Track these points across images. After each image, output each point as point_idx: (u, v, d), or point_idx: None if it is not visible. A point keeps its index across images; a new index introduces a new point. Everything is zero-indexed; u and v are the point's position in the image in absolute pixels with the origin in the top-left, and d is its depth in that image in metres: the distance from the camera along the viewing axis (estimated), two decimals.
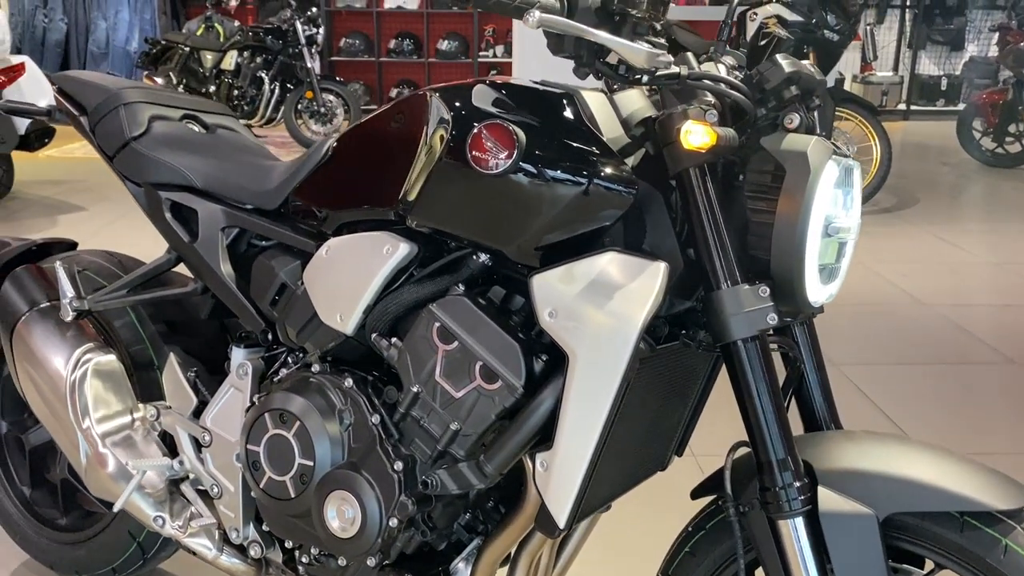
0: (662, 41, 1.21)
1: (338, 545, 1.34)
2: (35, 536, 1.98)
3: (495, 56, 10.61)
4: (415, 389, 1.30)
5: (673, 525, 1.37)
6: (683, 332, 1.28)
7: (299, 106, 7.95)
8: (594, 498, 1.30)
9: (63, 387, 1.65)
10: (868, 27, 8.22)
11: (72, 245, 2.05)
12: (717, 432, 1.53)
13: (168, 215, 1.65)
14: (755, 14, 5.42)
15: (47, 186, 6.35)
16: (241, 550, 1.61)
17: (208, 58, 8.21)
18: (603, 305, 1.14)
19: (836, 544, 1.11)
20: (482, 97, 1.27)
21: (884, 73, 10.11)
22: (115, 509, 1.58)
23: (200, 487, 1.61)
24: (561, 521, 1.19)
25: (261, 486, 1.42)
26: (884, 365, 3.43)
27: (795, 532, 1.14)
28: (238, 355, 1.61)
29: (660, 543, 1.40)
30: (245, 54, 8.07)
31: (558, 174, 1.19)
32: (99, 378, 1.66)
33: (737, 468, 1.23)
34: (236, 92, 8.02)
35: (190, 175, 1.63)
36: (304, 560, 1.49)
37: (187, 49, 8.24)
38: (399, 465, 1.31)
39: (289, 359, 1.56)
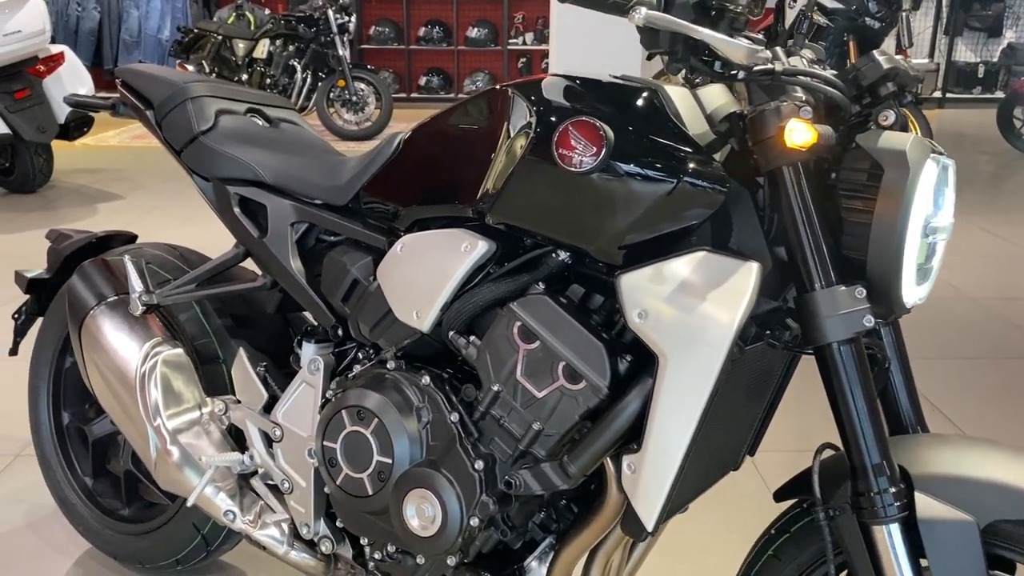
0: (760, 37, 1.19)
1: (418, 544, 1.34)
2: (98, 527, 2.00)
3: (524, 43, 10.56)
4: (495, 388, 1.29)
5: (714, 525, 1.35)
6: (767, 332, 1.26)
7: (331, 95, 7.95)
8: (677, 500, 1.29)
9: (133, 380, 1.66)
10: (904, 13, 8.10)
11: (132, 238, 2.06)
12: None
13: (237, 210, 1.65)
14: (794, 1, 5.35)
15: (84, 175, 6.40)
16: (311, 545, 1.61)
17: (240, 46, 8.23)
18: (696, 306, 1.13)
19: (935, 551, 1.09)
20: (564, 92, 1.25)
21: (919, 60, 9.92)
22: (188, 503, 1.59)
23: (270, 482, 1.61)
24: (649, 524, 1.17)
25: (337, 483, 1.42)
26: (930, 360, 3.38)
27: (890, 538, 1.12)
28: (308, 350, 1.61)
29: (710, 542, 1.38)
30: (277, 42, 8.09)
31: (647, 172, 1.17)
32: (168, 372, 1.66)
33: (825, 471, 1.21)
34: (268, 81, 8.04)
35: (259, 170, 1.63)
36: (376, 556, 1.49)
37: (219, 37, 8.26)
38: (480, 464, 1.30)
39: (360, 355, 1.56)
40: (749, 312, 1.12)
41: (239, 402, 1.65)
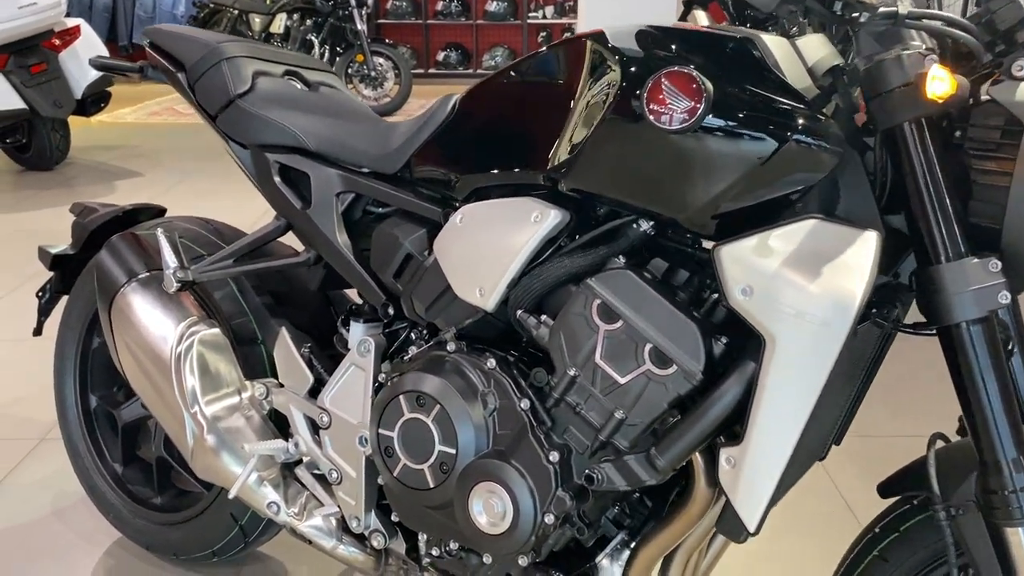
0: None
1: (486, 542, 1.23)
2: (130, 516, 1.90)
3: (544, 17, 10.36)
4: (571, 373, 1.17)
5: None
6: (873, 311, 1.14)
7: (349, 70, 7.81)
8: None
9: (167, 362, 1.55)
10: None
11: (161, 211, 1.95)
12: None
13: (277, 179, 1.53)
14: None
15: (101, 151, 6.29)
16: (360, 539, 1.50)
17: (257, 21, 8.08)
18: (810, 282, 1.00)
19: None
20: (652, 41, 1.12)
21: None
22: (231, 494, 1.48)
23: (316, 471, 1.50)
24: (752, 524, 1.06)
25: (395, 474, 1.31)
26: None
27: None
28: (357, 331, 1.49)
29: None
30: (294, 17, 7.93)
31: (751, 129, 1.04)
32: (205, 353, 1.55)
33: (941, 464, 1.08)
34: None
35: (301, 136, 1.50)
36: (434, 553, 1.38)
37: (236, 12, 8.12)
38: (554, 456, 1.18)
39: (413, 335, 1.44)
40: (871, 287, 0.99)
41: (282, 386, 1.54)
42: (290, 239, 1.62)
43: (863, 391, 1.33)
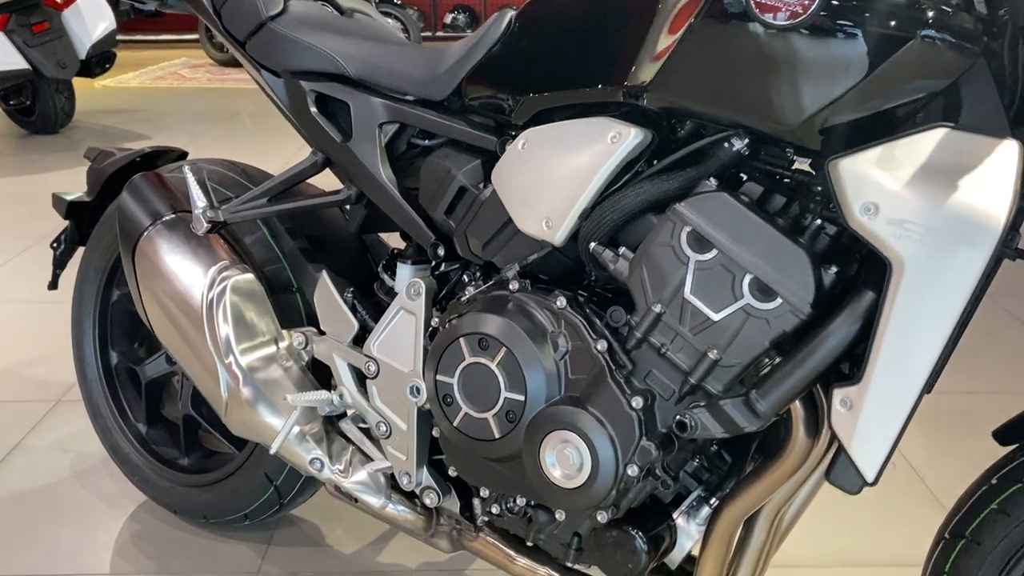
0: None
1: (560, 497, 1.12)
2: (156, 478, 1.79)
3: None
4: (656, 310, 1.05)
5: None
6: None
7: None
8: None
9: (198, 310, 1.43)
10: None
11: (183, 154, 1.82)
12: None
13: (314, 109, 1.41)
14: None
15: (107, 115, 6.15)
16: (410, 497, 1.40)
17: None
18: (946, 198, 0.88)
19: None
20: None
21: None
22: (273, 449, 1.37)
23: (363, 425, 1.39)
24: (871, 472, 0.94)
25: (455, 424, 1.19)
26: None
27: None
28: (405, 273, 1.38)
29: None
30: None
31: (873, 25, 0.91)
32: (239, 300, 1.43)
33: None
34: None
35: (340, 61, 1.37)
36: (493, 511, 1.27)
37: None
38: (637, 402, 1.07)
39: (466, 277, 1.32)
40: (1016, 203, 0.87)
41: (322, 334, 1.42)
42: (324, 181, 1.50)
43: (961, 331, 1.22)
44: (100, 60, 5.39)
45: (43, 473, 2.00)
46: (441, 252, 1.33)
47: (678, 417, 1.03)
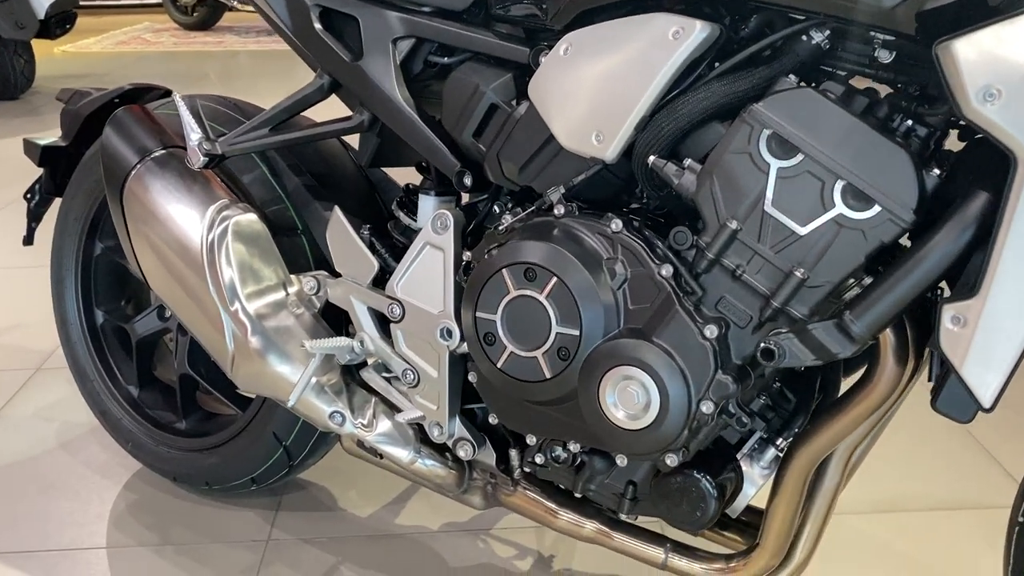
0: None
1: (624, 440, 1.00)
2: (152, 444, 1.66)
3: None
4: (732, 226, 0.94)
5: None
6: None
7: None
8: None
9: (198, 253, 1.29)
10: None
11: (167, 92, 1.67)
12: None
13: (319, 26, 1.26)
14: None
15: (67, 81, 5.89)
16: (440, 451, 1.28)
17: None
18: None
19: None
20: None
21: None
22: (291, 403, 1.24)
23: (387, 374, 1.27)
24: (987, 396, 0.83)
25: (499, 365, 1.07)
26: None
27: None
28: (428, 205, 1.25)
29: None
30: None
31: None
32: (243, 242, 1.30)
33: None
34: None
35: None
36: (537, 460, 1.16)
37: None
38: (711, 331, 0.95)
39: (496, 208, 1.20)
40: None
41: (336, 276, 1.29)
42: (326, 111, 1.35)
43: None
44: (60, 20, 5.13)
45: (27, 444, 1.85)
46: (468, 181, 1.20)
47: (763, 345, 0.92)
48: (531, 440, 1.14)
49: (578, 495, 1.16)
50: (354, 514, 1.64)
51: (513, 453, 1.24)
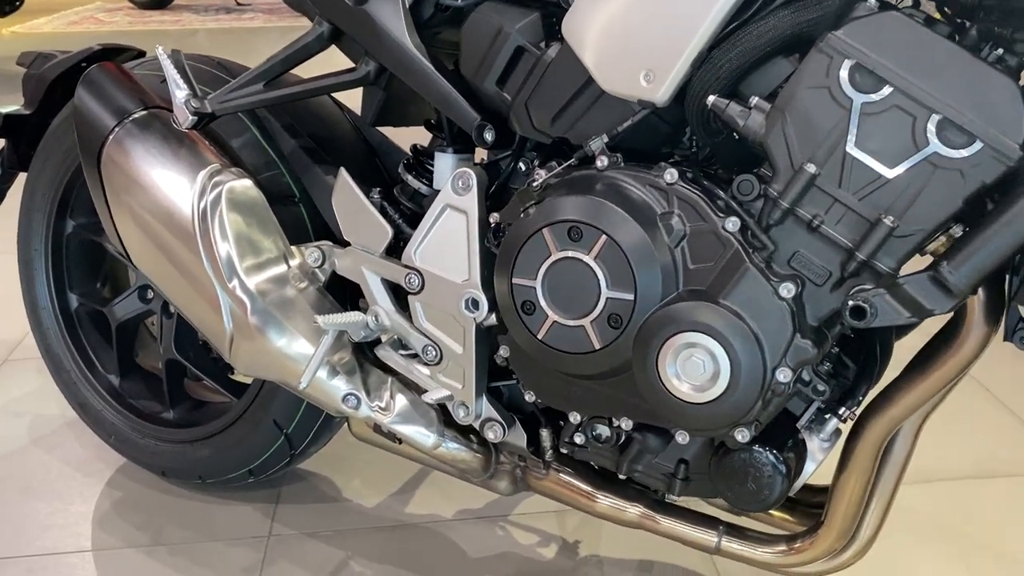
0: None
1: (687, 414, 0.90)
2: (137, 436, 1.53)
3: None
4: (810, 171, 0.83)
5: None
6: None
7: None
8: None
9: (190, 224, 1.16)
10: None
11: (140, 53, 1.53)
12: None
13: None
14: None
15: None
16: (463, 433, 1.17)
17: None
18: None
19: None
20: None
21: None
22: (303, 385, 1.12)
23: (405, 351, 1.15)
24: None
25: (540, 336, 0.96)
26: None
27: None
28: (446, 164, 1.13)
29: None
30: None
31: None
32: (238, 211, 1.17)
33: None
34: None
35: None
36: (577, 441, 1.06)
37: None
38: (788, 289, 0.85)
39: (521, 165, 1.09)
40: None
41: (346, 246, 1.17)
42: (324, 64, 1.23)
43: None
44: None
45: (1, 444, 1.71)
46: (489, 136, 1.08)
47: (852, 303, 0.82)
48: (574, 418, 1.03)
49: (622, 476, 1.06)
50: (360, 504, 1.53)
51: (545, 433, 1.13)
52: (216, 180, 1.17)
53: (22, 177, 1.63)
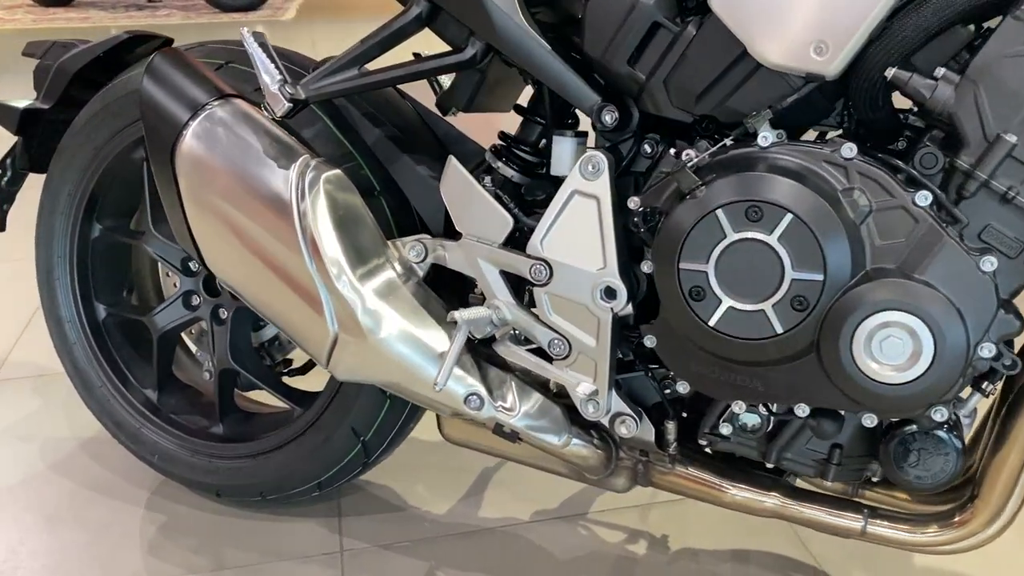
0: None
1: (883, 397, 0.87)
2: (187, 454, 1.41)
3: None
4: (1011, 140, 0.82)
5: None
6: None
7: None
8: None
9: (292, 219, 1.07)
10: None
11: (168, 41, 1.41)
12: None
13: None
14: None
15: None
16: (585, 429, 1.12)
17: None
18: None
19: None
20: None
21: None
22: (439, 384, 1.04)
23: (528, 346, 1.09)
24: None
25: (712, 323, 0.92)
26: None
27: None
28: (566, 148, 1.08)
29: None
30: None
31: None
32: (338, 205, 1.09)
33: None
34: None
35: None
36: (722, 431, 1.02)
37: None
38: (990, 263, 0.83)
39: (647, 147, 1.04)
40: None
41: (457, 237, 1.10)
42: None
43: None
44: None
45: (9, 470, 1.56)
46: (609, 118, 1.03)
47: None
48: (739, 407, 0.99)
49: (769, 465, 1.03)
50: (429, 512, 1.46)
51: (671, 426, 1.09)
52: (312, 174, 1.08)
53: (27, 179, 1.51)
